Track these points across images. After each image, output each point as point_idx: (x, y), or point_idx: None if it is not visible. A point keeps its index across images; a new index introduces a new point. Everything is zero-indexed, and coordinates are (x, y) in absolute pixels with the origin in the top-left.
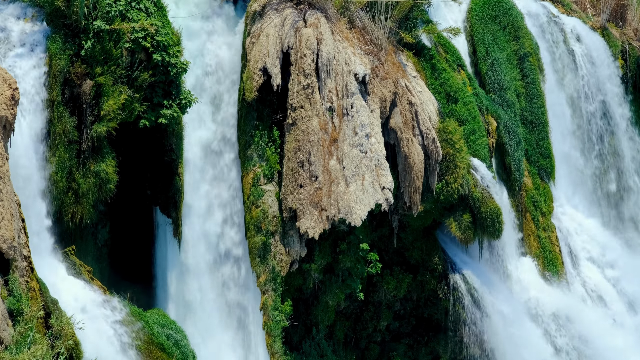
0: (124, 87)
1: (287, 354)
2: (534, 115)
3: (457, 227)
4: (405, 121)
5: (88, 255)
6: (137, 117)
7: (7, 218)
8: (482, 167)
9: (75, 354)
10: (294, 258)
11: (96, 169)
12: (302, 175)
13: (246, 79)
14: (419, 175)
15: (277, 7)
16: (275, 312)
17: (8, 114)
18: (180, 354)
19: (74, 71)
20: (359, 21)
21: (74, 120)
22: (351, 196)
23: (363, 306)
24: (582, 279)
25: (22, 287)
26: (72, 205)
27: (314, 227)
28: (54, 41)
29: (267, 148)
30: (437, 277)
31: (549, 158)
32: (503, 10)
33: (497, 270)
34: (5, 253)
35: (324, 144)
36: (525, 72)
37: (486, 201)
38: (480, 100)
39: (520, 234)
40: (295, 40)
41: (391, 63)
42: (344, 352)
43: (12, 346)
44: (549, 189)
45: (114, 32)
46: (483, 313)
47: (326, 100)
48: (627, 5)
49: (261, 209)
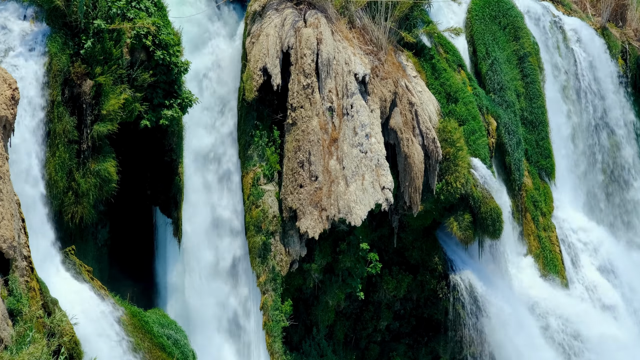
0: (125, 86)
1: (287, 354)
2: (534, 115)
3: (457, 227)
4: (405, 121)
5: (88, 255)
6: (137, 117)
7: (7, 218)
8: (482, 167)
9: (75, 354)
10: (294, 258)
11: (96, 169)
12: (302, 175)
13: (246, 78)
14: (419, 175)
15: (277, 7)
16: (275, 312)
17: (8, 114)
18: (180, 354)
19: (74, 71)
20: (359, 21)
21: (74, 120)
22: (351, 196)
23: (363, 306)
24: (582, 278)
25: (22, 287)
26: (72, 205)
27: (314, 227)
28: (53, 41)
29: (267, 148)
30: (437, 277)
31: (549, 158)
32: (503, 10)
33: (497, 270)
34: (5, 253)
35: (324, 144)
36: (525, 72)
37: (486, 201)
38: (480, 100)
39: (519, 234)
40: (295, 40)
41: (391, 63)
42: (344, 352)
43: (11, 346)
44: (549, 189)
45: (114, 31)
46: (483, 313)
47: (326, 100)
48: (627, 5)
49: (261, 209)
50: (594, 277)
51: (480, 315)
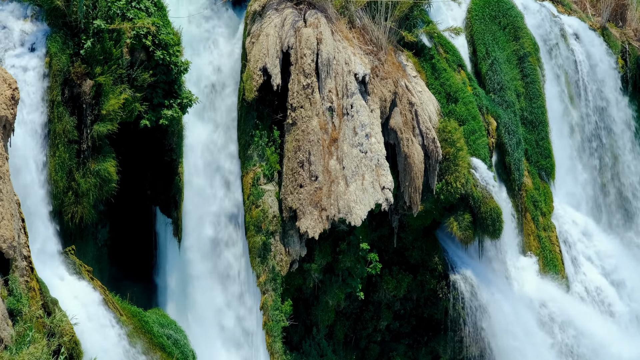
0: (125, 86)
1: (287, 354)
2: (534, 115)
3: (457, 227)
4: (405, 121)
5: (88, 255)
6: (137, 117)
7: (7, 218)
8: (482, 167)
9: (75, 354)
10: (294, 258)
11: (96, 169)
12: (302, 175)
13: (246, 78)
14: (419, 175)
15: (277, 7)
16: (275, 312)
17: (8, 114)
18: (180, 354)
19: (74, 71)
20: (359, 21)
21: (74, 120)
22: (351, 196)
23: (363, 306)
24: (582, 278)
25: (22, 287)
26: (72, 205)
27: (314, 227)
28: (53, 41)
29: (267, 148)
30: (437, 277)
31: (549, 158)
32: (503, 10)
33: (497, 270)
34: (5, 253)
35: (324, 143)
36: (525, 72)
37: (486, 201)
38: (480, 100)
39: (519, 233)
40: (295, 40)
41: (391, 63)
42: (344, 352)
43: (11, 346)
44: (549, 188)
45: (114, 31)
46: (483, 313)
47: (326, 100)
48: (627, 5)
49: (261, 209)
50: (594, 277)
51: (480, 315)
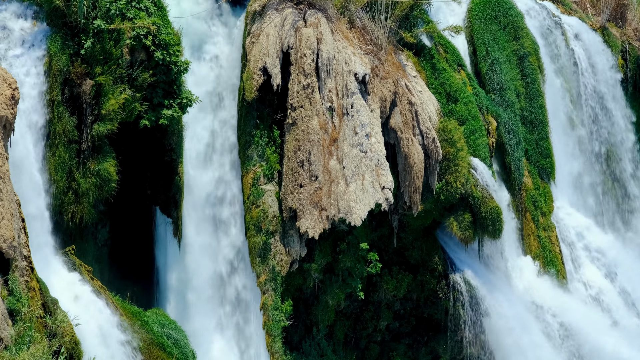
0: (125, 86)
1: (287, 354)
2: (534, 115)
3: (457, 227)
4: (405, 121)
5: (88, 255)
6: (137, 117)
7: (7, 218)
8: (482, 167)
9: (75, 353)
10: (294, 258)
11: (96, 169)
12: (302, 175)
13: (246, 78)
14: (419, 175)
15: (277, 6)
16: (275, 312)
17: (8, 114)
18: (180, 354)
19: (74, 71)
20: (359, 21)
21: (74, 120)
22: (351, 196)
23: (363, 306)
24: (582, 278)
25: (22, 287)
26: (72, 204)
27: (314, 226)
28: (53, 40)
29: (267, 148)
30: (437, 277)
31: (549, 158)
32: (503, 10)
33: (497, 269)
34: (5, 253)
35: (324, 143)
36: (525, 72)
37: (486, 201)
38: (480, 100)
39: (519, 234)
40: (295, 40)
41: (391, 63)
42: (344, 352)
43: (11, 346)
44: (549, 188)
45: (114, 31)
46: (483, 313)
47: (326, 100)
48: (627, 5)
49: (261, 209)
50: (594, 277)
51: (480, 315)
